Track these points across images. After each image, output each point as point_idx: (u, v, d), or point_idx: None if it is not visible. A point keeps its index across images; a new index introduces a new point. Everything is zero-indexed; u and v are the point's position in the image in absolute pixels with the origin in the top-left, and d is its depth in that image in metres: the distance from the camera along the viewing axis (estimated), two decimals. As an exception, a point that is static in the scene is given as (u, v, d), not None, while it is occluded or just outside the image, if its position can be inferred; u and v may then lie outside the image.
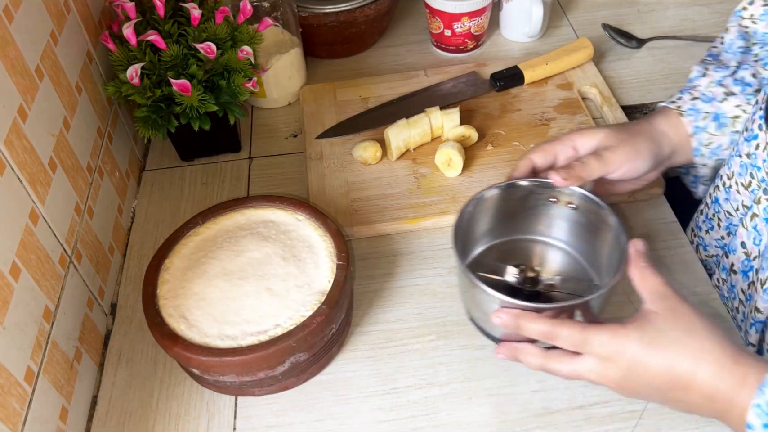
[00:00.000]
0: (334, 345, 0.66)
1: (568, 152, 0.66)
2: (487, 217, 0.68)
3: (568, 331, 0.54)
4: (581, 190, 0.63)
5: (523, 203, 0.67)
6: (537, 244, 0.71)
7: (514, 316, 0.55)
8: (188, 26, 0.78)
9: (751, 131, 0.64)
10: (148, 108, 0.76)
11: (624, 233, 0.59)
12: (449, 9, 0.95)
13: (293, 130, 0.93)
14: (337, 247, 0.66)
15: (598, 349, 0.53)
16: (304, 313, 0.61)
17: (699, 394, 0.51)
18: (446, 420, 0.62)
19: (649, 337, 0.52)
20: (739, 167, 0.66)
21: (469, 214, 0.65)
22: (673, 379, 0.51)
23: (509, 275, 0.64)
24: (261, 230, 0.68)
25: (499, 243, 0.70)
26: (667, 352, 0.51)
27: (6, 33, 0.58)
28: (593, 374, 0.54)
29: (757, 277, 0.62)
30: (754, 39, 0.72)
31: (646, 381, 0.52)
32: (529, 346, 0.57)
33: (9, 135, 0.56)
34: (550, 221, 0.69)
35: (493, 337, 0.63)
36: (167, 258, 0.66)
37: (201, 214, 0.70)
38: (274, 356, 0.59)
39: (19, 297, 0.54)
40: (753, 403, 0.48)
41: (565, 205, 0.66)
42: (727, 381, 0.50)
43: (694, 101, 0.70)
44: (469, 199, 0.65)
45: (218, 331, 0.60)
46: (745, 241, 0.64)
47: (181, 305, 0.63)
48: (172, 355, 0.60)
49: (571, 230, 0.68)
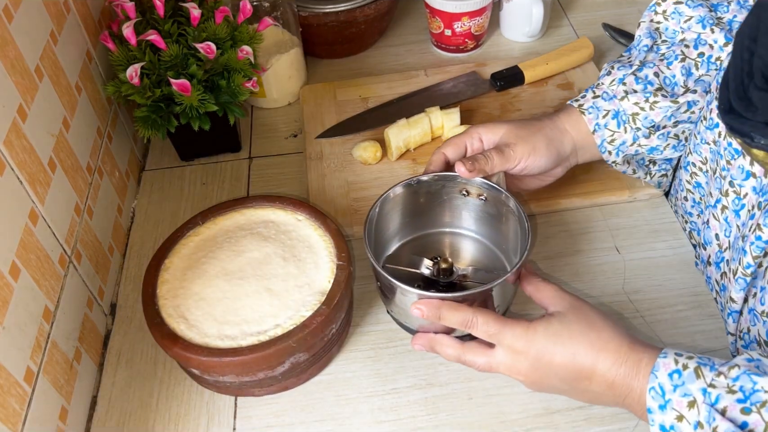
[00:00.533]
0: (334, 345, 0.66)
1: (475, 144, 0.70)
2: (400, 214, 0.71)
3: (484, 319, 0.57)
4: (489, 182, 0.67)
5: (436, 198, 0.70)
6: (452, 236, 0.74)
7: (434, 307, 0.58)
8: (188, 26, 0.78)
9: (710, 120, 0.66)
10: (148, 108, 0.76)
11: (526, 220, 0.63)
12: (449, 9, 0.95)
13: (293, 130, 0.93)
14: (337, 247, 0.66)
15: (510, 341, 0.57)
16: (304, 313, 0.61)
17: (601, 383, 0.54)
18: (446, 420, 0.62)
19: (554, 330, 0.56)
20: (710, 153, 0.67)
21: (379, 213, 0.67)
22: (576, 369, 0.55)
23: (424, 268, 0.68)
24: (261, 230, 0.68)
25: (416, 237, 0.74)
26: (571, 344, 0.55)
27: (6, 33, 0.57)
28: (504, 366, 0.58)
29: (729, 267, 0.64)
30: (663, 36, 0.74)
31: (553, 372, 0.56)
32: (446, 338, 0.61)
33: (9, 135, 0.56)
34: (462, 213, 0.72)
35: (410, 329, 0.66)
36: (167, 258, 0.66)
37: (201, 214, 0.70)
38: (273, 356, 0.59)
39: (18, 297, 0.54)
40: (648, 387, 0.51)
41: (476, 197, 0.69)
42: (624, 368, 0.53)
43: (596, 99, 0.72)
44: (377, 198, 0.67)
45: (218, 332, 0.60)
46: (718, 233, 0.66)
47: (180, 305, 0.62)
48: (172, 355, 0.60)
49: (483, 221, 0.71)
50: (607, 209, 0.79)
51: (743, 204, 0.62)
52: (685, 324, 0.68)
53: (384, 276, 0.61)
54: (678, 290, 0.71)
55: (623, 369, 0.53)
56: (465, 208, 0.71)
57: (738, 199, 0.63)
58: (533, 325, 0.57)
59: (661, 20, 0.74)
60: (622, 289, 0.71)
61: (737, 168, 0.62)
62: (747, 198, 0.62)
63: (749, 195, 0.61)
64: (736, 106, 0.51)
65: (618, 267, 0.73)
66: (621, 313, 0.69)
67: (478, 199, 0.69)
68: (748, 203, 0.62)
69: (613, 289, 0.71)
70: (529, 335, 0.56)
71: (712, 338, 0.66)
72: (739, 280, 0.61)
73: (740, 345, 0.63)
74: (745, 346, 0.62)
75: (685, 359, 0.51)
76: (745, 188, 0.61)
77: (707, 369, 0.50)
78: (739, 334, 0.63)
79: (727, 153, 0.64)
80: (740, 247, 0.61)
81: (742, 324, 0.62)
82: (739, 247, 0.62)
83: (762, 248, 0.57)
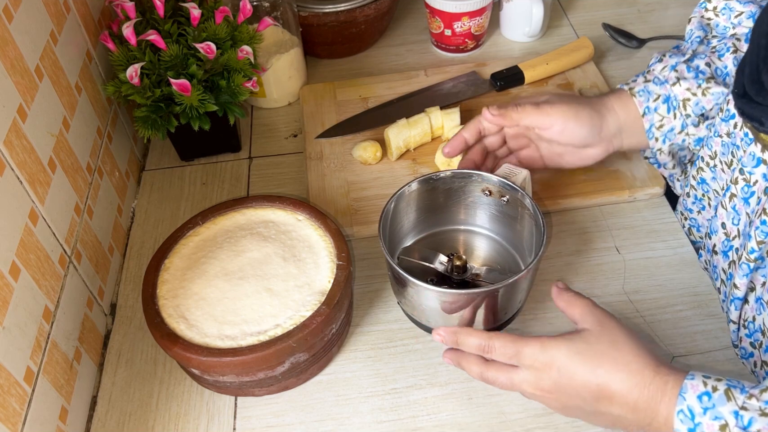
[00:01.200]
0: (334, 345, 0.66)
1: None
2: (416, 209, 0.71)
3: (501, 343, 0.56)
4: (512, 184, 0.66)
5: (455, 195, 0.71)
6: (467, 234, 0.74)
7: (452, 333, 0.59)
8: (188, 26, 0.78)
9: (727, 111, 0.66)
10: (148, 108, 0.76)
11: (542, 222, 0.62)
12: (449, 9, 0.95)
13: (293, 130, 0.92)
14: (337, 247, 0.66)
15: (530, 360, 0.55)
16: (304, 313, 0.61)
17: (623, 405, 0.52)
18: (446, 420, 0.62)
19: (576, 347, 0.54)
20: (721, 146, 0.67)
21: (395, 208, 0.68)
22: (596, 388, 0.53)
23: (438, 263, 0.68)
24: (261, 230, 0.68)
25: (432, 233, 0.74)
26: (592, 363, 0.53)
27: (6, 33, 0.57)
28: (527, 384, 0.56)
29: (737, 256, 0.64)
30: (714, 32, 0.74)
31: (574, 391, 0.54)
32: (471, 356, 0.59)
33: (9, 135, 0.56)
34: (479, 212, 0.72)
35: (420, 323, 0.67)
36: (167, 258, 0.66)
37: (201, 214, 0.70)
38: (273, 356, 0.59)
39: (18, 297, 0.54)
40: (676, 410, 0.49)
41: (498, 198, 0.69)
42: (648, 390, 0.51)
43: (647, 83, 0.71)
44: (393, 193, 0.67)
45: (218, 331, 0.60)
46: (725, 222, 0.66)
47: (180, 305, 0.62)
48: (172, 355, 0.60)
49: (499, 220, 0.70)
50: (607, 209, 0.79)
51: (753, 191, 0.62)
52: (685, 324, 0.68)
53: (396, 270, 0.61)
54: (678, 290, 0.71)
55: (647, 391, 0.51)
56: (482, 207, 0.71)
57: (747, 186, 0.62)
58: (554, 341, 0.55)
59: (711, 17, 0.74)
60: (622, 289, 0.71)
61: (749, 155, 0.61)
62: (757, 185, 0.61)
63: (759, 182, 0.61)
64: (749, 90, 0.51)
65: (618, 267, 0.73)
66: (621, 313, 0.69)
67: (500, 200, 0.69)
68: (758, 190, 0.61)
69: (613, 289, 0.71)
70: (550, 352, 0.54)
71: (712, 338, 0.66)
72: (743, 266, 0.60)
73: (743, 334, 0.63)
74: (749, 335, 0.62)
75: (714, 381, 0.49)
76: (755, 175, 0.61)
77: (738, 391, 0.48)
78: (743, 322, 0.63)
79: (742, 142, 0.63)
80: (746, 233, 0.60)
81: (747, 313, 0.62)
82: (745, 233, 0.61)
83: (767, 233, 0.57)
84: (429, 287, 0.60)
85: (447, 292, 0.61)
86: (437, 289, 0.61)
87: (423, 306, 0.64)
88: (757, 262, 0.59)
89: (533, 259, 0.61)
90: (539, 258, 0.61)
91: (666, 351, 0.66)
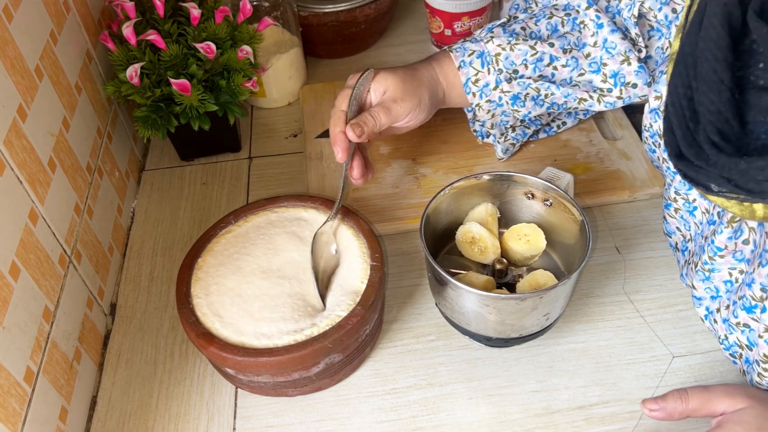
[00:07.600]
0: (368, 346, 0.66)
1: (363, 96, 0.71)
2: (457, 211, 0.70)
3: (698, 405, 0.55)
4: (556, 188, 0.66)
5: (498, 198, 0.70)
6: None
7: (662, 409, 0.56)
8: (188, 26, 0.78)
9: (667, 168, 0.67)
10: (148, 108, 0.76)
11: (588, 228, 0.62)
12: (449, 9, 0.95)
13: (293, 129, 0.92)
14: (371, 248, 0.65)
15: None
16: (339, 313, 0.60)
17: None
18: (446, 420, 0.62)
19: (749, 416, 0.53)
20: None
21: (436, 209, 0.67)
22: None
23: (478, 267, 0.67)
24: (294, 229, 0.68)
25: None
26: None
27: (5, 33, 0.57)
28: None
29: (692, 259, 0.66)
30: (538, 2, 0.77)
31: None
32: None
33: (8, 135, 0.56)
34: (525, 216, 0.71)
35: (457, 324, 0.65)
36: (200, 257, 0.66)
37: (233, 213, 0.69)
38: (309, 357, 0.58)
39: (18, 297, 0.54)
40: None
41: (540, 201, 0.68)
42: None
43: (464, 42, 0.75)
44: (435, 194, 0.66)
45: (254, 329, 0.59)
46: (678, 227, 0.68)
47: (215, 302, 0.62)
48: (207, 354, 0.59)
49: (544, 225, 0.69)
50: (607, 209, 0.79)
51: (695, 206, 0.64)
52: (685, 324, 0.68)
53: (437, 270, 0.60)
54: (678, 290, 0.71)
55: None
56: (528, 211, 0.70)
57: (688, 203, 0.64)
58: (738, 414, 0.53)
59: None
60: (622, 289, 0.71)
61: (680, 182, 0.64)
62: (697, 202, 0.63)
63: (698, 200, 0.63)
64: (687, 153, 0.50)
65: (618, 267, 0.73)
66: (621, 313, 0.69)
67: (543, 204, 0.68)
68: (700, 206, 0.63)
69: (613, 289, 0.71)
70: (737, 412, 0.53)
71: (712, 338, 0.66)
72: (699, 272, 0.62)
73: (722, 348, 0.63)
74: (727, 348, 0.63)
75: None
76: (693, 194, 0.63)
77: None
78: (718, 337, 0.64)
79: (669, 173, 0.65)
80: (701, 245, 0.62)
81: (719, 331, 0.63)
82: (697, 242, 0.64)
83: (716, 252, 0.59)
84: (472, 290, 0.58)
85: (494, 297, 0.59)
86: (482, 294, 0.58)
87: (464, 309, 0.62)
88: (710, 271, 0.61)
89: (581, 263, 0.59)
90: (586, 261, 0.59)
91: (666, 351, 0.66)
